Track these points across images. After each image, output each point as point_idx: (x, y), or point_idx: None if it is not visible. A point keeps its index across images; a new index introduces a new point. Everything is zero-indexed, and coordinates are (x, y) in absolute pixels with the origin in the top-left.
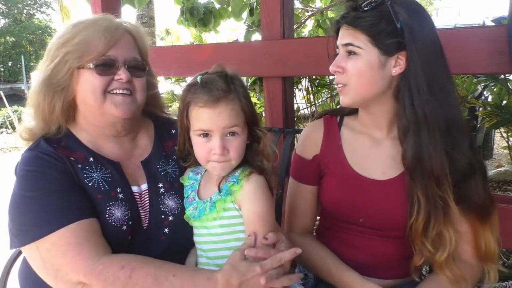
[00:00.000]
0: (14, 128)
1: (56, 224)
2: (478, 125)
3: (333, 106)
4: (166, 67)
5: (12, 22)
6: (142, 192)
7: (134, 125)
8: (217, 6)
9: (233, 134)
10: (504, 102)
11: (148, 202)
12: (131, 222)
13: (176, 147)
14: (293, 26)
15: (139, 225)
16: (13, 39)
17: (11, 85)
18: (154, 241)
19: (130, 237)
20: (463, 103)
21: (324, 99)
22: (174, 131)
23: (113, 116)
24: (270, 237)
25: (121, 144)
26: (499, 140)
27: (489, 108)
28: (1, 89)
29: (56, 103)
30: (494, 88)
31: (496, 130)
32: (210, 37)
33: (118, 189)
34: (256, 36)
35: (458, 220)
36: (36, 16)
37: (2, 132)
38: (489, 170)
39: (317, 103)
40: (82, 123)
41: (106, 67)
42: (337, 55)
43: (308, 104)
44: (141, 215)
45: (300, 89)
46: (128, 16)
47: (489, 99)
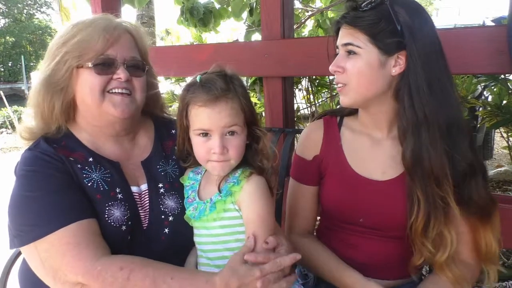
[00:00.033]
0: (14, 128)
1: (55, 224)
2: (478, 125)
3: (333, 106)
4: (166, 67)
5: (12, 22)
6: (141, 192)
7: (133, 125)
8: (217, 6)
9: (232, 133)
10: (504, 102)
11: (148, 202)
12: (130, 222)
13: (176, 147)
14: (293, 26)
15: (139, 225)
16: (13, 39)
17: (11, 85)
18: (154, 241)
19: (129, 237)
20: (463, 103)
21: (324, 99)
22: (174, 131)
23: (112, 116)
24: (271, 242)
25: (121, 144)
26: (499, 140)
27: (489, 108)
28: (1, 89)
29: (55, 102)
30: (494, 88)
31: (496, 130)
32: (210, 37)
33: (117, 189)
34: (256, 36)
35: (458, 220)
36: (36, 16)
37: (2, 132)
38: (489, 170)
39: (317, 103)
40: (82, 123)
41: (105, 66)
42: (337, 55)
43: (308, 104)
44: (140, 215)
45: (300, 89)
46: (128, 16)
47: (489, 99)
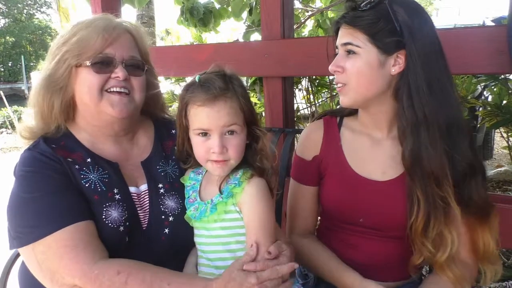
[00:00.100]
0: (14, 128)
1: (53, 226)
2: (478, 125)
3: (333, 106)
4: (166, 67)
5: (12, 22)
6: (140, 192)
7: (132, 125)
8: (217, 6)
9: (232, 133)
10: (504, 102)
11: (148, 202)
12: (128, 223)
13: (176, 148)
14: (293, 26)
15: (138, 226)
16: (13, 39)
17: (11, 85)
18: (154, 242)
19: (128, 238)
20: (463, 103)
21: (324, 99)
22: (174, 131)
23: (109, 116)
24: (273, 251)
25: (120, 144)
26: (499, 140)
27: (489, 108)
28: (1, 89)
29: (55, 101)
30: (494, 88)
31: (496, 130)
32: (210, 37)
33: (115, 190)
34: (256, 36)
35: (459, 220)
36: (36, 16)
37: (2, 132)
38: (489, 170)
39: (317, 103)
40: (81, 123)
41: (103, 65)
42: (336, 55)
43: (308, 104)
44: (139, 215)
45: (300, 89)
46: (128, 16)
47: (489, 99)
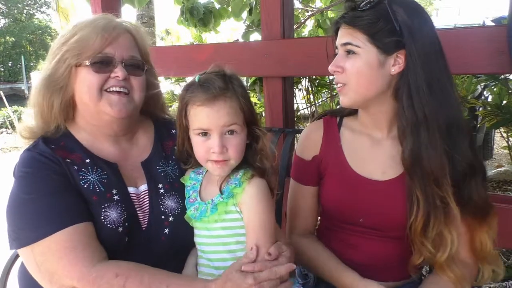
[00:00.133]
0: (14, 128)
1: (51, 228)
2: (478, 125)
3: (333, 106)
4: (166, 67)
5: (12, 22)
6: (140, 193)
7: (131, 125)
8: (217, 6)
9: (231, 132)
10: (504, 102)
11: (148, 202)
12: (127, 224)
13: (176, 148)
14: (293, 26)
15: (137, 226)
16: (13, 39)
17: (11, 85)
18: (154, 242)
19: (127, 238)
20: (463, 103)
21: (324, 99)
22: (174, 131)
23: (108, 115)
24: (273, 253)
25: (119, 144)
26: (499, 140)
27: (489, 108)
28: (1, 89)
29: (54, 101)
30: (494, 88)
31: (496, 130)
32: (210, 37)
33: (114, 190)
34: (255, 36)
35: (459, 220)
36: (36, 16)
37: (2, 132)
38: (489, 170)
39: (317, 103)
40: (81, 123)
41: (103, 64)
42: (336, 55)
43: (308, 104)
44: (138, 216)
45: (300, 89)
46: (128, 16)
47: (489, 99)
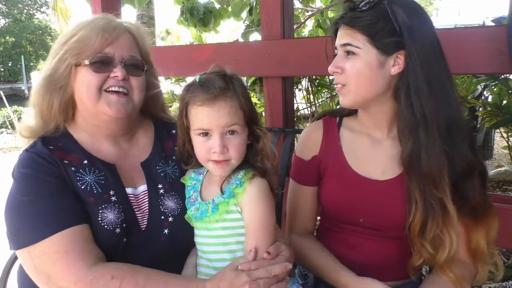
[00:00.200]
0: (14, 128)
1: (49, 229)
2: (478, 125)
3: (333, 106)
4: (166, 67)
5: (12, 22)
6: (139, 193)
7: (131, 125)
8: (217, 6)
9: (232, 132)
10: (504, 102)
11: (148, 203)
12: (125, 225)
13: (176, 148)
14: (293, 26)
15: (136, 227)
16: (13, 39)
17: (11, 85)
18: (153, 242)
19: (125, 239)
20: (463, 103)
21: (324, 99)
22: (174, 131)
23: (107, 115)
24: (272, 252)
25: (119, 144)
26: (499, 140)
27: (489, 108)
28: (1, 89)
29: (54, 101)
30: (494, 88)
31: (496, 130)
32: (210, 37)
33: (111, 191)
34: (255, 36)
35: (457, 221)
36: (36, 16)
37: (2, 132)
38: (489, 170)
39: (317, 103)
40: (81, 123)
41: (102, 64)
42: (336, 55)
43: (308, 104)
44: (137, 216)
45: (300, 89)
46: (128, 16)
47: (489, 99)
